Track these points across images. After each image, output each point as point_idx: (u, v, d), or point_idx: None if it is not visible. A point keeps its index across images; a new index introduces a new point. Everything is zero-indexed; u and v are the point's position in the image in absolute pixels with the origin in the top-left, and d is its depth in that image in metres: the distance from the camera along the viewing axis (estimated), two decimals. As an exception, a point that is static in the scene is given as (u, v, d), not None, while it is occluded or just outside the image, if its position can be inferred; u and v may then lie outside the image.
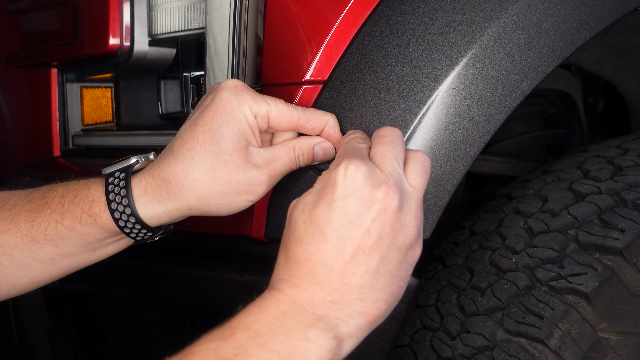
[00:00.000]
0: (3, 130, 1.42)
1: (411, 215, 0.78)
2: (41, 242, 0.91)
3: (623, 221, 0.98)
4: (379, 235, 0.76)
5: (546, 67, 0.94)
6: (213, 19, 1.00)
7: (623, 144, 1.14)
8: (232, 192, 0.87)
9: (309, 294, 0.75)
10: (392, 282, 0.77)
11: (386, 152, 0.80)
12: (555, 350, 0.93)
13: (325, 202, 0.76)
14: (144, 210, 0.88)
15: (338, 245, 0.75)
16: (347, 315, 0.75)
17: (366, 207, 0.75)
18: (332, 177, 0.77)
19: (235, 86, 0.87)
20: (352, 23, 0.95)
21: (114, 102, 1.30)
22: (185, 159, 0.86)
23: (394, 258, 0.77)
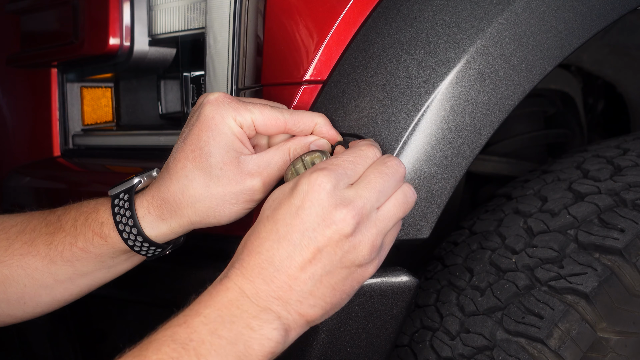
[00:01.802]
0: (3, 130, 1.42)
1: (366, 241, 0.81)
2: (59, 263, 0.95)
3: (623, 221, 0.98)
4: (327, 252, 0.80)
5: (546, 67, 0.94)
6: (213, 19, 1.00)
7: (623, 144, 1.14)
8: (229, 203, 0.90)
9: (255, 287, 0.80)
10: (333, 294, 0.81)
11: (376, 182, 0.82)
12: (554, 350, 0.93)
13: (288, 205, 0.81)
14: (149, 229, 0.92)
15: (288, 249, 0.80)
16: (286, 312, 0.80)
17: (322, 223, 0.79)
18: (303, 183, 0.80)
19: (216, 100, 0.89)
20: (351, 23, 0.95)
21: (114, 102, 1.30)
22: (179, 178, 0.89)
23: (338, 274, 0.81)
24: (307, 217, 0.79)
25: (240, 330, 0.78)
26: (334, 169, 0.81)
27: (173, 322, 0.78)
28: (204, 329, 0.77)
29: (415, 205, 0.90)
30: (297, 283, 0.80)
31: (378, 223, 0.82)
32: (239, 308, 0.79)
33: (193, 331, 0.77)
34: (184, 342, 0.76)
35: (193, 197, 0.89)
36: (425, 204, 0.91)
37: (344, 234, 0.79)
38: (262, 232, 0.81)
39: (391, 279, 0.93)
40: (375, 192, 0.81)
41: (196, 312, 0.78)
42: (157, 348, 0.75)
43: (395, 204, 0.83)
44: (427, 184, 0.90)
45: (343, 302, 0.83)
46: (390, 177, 0.83)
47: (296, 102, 0.96)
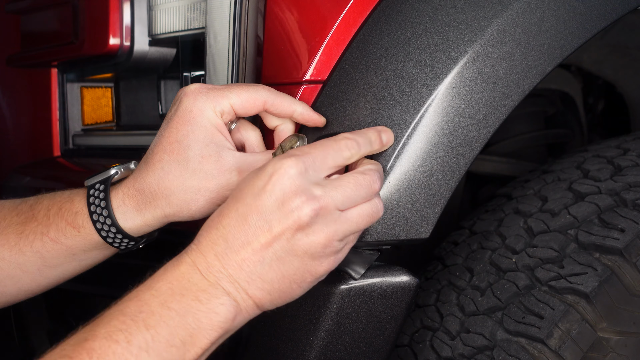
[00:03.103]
0: (3, 130, 1.42)
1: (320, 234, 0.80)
2: (28, 254, 0.94)
3: (623, 221, 0.98)
4: (280, 238, 0.80)
5: (546, 67, 0.94)
6: (213, 19, 1.00)
7: (623, 144, 1.14)
8: (203, 198, 0.89)
9: (207, 261, 0.80)
10: (282, 281, 0.81)
11: (347, 188, 0.82)
12: (555, 350, 0.93)
13: (252, 186, 0.81)
14: (123, 220, 0.91)
15: (244, 229, 0.80)
16: (235, 290, 0.80)
17: (280, 208, 0.79)
18: (269, 166, 0.81)
19: (193, 92, 0.89)
20: (351, 22, 0.95)
21: (114, 102, 1.30)
22: (155, 170, 0.89)
23: (290, 262, 0.81)
24: (267, 200, 0.79)
25: (189, 302, 0.78)
26: (303, 157, 0.81)
27: (125, 297, 0.79)
28: (154, 302, 0.77)
29: (415, 205, 0.90)
30: (247, 264, 0.80)
31: (338, 223, 0.81)
32: (189, 281, 0.79)
33: (143, 304, 0.77)
34: (134, 315, 0.76)
35: (168, 189, 0.89)
36: (425, 204, 0.91)
37: (301, 224, 0.79)
38: (224, 209, 0.82)
39: (391, 279, 0.93)
40: (343, 196, 0.81)
41: (148, 286, 0.79)
42: (107, 322, 0.76)
43: (360, 213, 0.83)
44: (427, 183, 0.90)
45: (294, 292, 0.83)
46: (363, 188, 0.83)
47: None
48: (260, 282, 0.80)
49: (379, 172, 0.85)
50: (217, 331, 0.79)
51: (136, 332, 0.75)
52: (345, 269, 0.91)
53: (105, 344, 0.73)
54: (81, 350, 0.73)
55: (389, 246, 0.93)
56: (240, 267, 0.80)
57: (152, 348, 0.75)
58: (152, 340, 0.75)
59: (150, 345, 0.75)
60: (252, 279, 0.80)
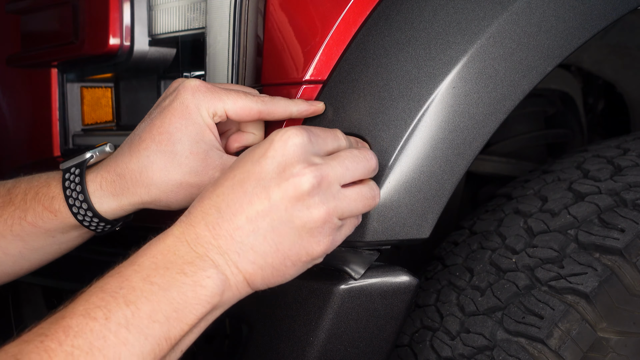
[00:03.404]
0: (3, 130, 1.42)
1: (320, 207, 0.78)
2: (8, 237, 0.94)
3: (623, 221, 0.98)
4: (277, 205, 0.77)
5: (546, 67, 0.94)
6: (213, 19, 1.00)
7: (623, 144, 1.14)
8: (183, 192, 0.89)
9: (196, 232, 0.77)
10: (275, 254, 0.78)
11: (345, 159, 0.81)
12: (555, 350, 0.93)
13: (252, 154, 0.79)
14: (99, 204, 0.91)
15: (239, 196, 0.77)
16: (224, 262, 0.77)
17: (280, 174, 0.77)
18: (271, 134, 0.79)
19: (193, 87, 0.89)
20: (352, 22, 0.95)
21: (114, 102, 1.30)
22: (140, 157, 0.89)
23: (286, 234, 0.77)
24: (267, 165, 0.77)
25: (174, 275, 0.75)
26: (307, 129, 0.80)
27: (106, 274, 0.76)
28: (136, 277, 0.74)
29: (415, 205, 0.90)
30: (239, 234, 0.77)
31: (337, 199, 0.79)
32: (175, 254, 0.76)
33: (124, 279, 0.74)
34: (113, 291, 0.73)
35: (150, 178, 0.88)
36: (425, 204, 0.91)
37: (301, 191, 0.77)
38: (220, 178, 0.80)
39: (391, 279, 0.93)
40: (343, 167, 0.80)
41: (130, 262, 0.76)
42: (86, 299, 0.73)
43: (359, 192, 0.82)
44: (427, 183, 0.90)
45: (287, 271, 0.80)
46: (360, 161, 0.82)
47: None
48: (252, 254, 0.77)
49: (372, 151, 0.85)
50: (205, 306, 0.75)
51: (115, 309, 0.72)
52: (345, 269, 0.91)
53: (83, 321, 0.71)
54: (57, 327, 0.71)
55: (389, 246, 0.93)
56: (231, 237, 0.77)
57: (132, 324, 0.72)
58: (133, 317, 0.72)
59: (130, 321, 0.72)
60: (243, 250, 0.77)
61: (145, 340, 0.72)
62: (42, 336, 0.70)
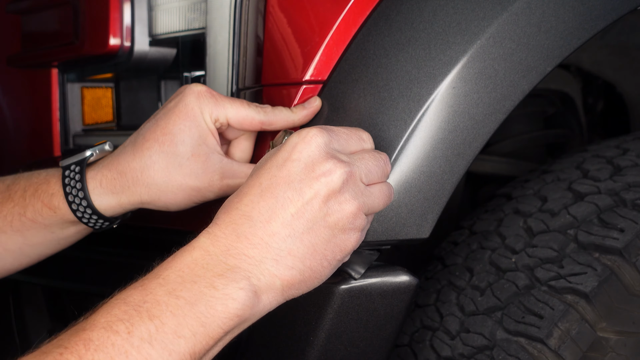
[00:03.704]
0: (3, 130, 1.42)
1: (351, 204, 0.77)
2: (9, 233, 0.95)
3: (622, 221, 0.98)
4: (312, 206, 0.76)
5: (545, 67, 0.94)
6: (213, 19, 1.00)
7: (622, 144, 1.14)
8: (182, 194, 0.90)
9: (226, 243, 0.75)
10: (313, 256, 0.76)
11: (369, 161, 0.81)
12: (554, 349, 0.93)
13: (274, 159, 0.78)
14: (98, 202, 0.92)
15: (270, 203, 0.75)
16: (259, 272, 0.74)
17: (310, 174, 0.76)
18: (293, 136, 0.78)
19: (198, 92, 0.90)
20: (352, 23, 0.95)
21: (115, 102, 1.30)
22: (143, 157, 0.89)
23: (321, 234, 0.76)
24: (294, 168, 0.76)
25: (202, 289, 0.72)
26: (328, 129, 0.80)
27: (129, 286, 0.73)
28: (161, 290, 0.71)
29: (415, 205, 0.90)
30: (275, 240, 0.75)
31: (364, 195, 0.79)
32: (203, 267, 0.73)
33: (148, 293, 0.71)
34: (137, 304, 0.70)
35: (151, 178, 0.89)
36: (425, 204, 0.91)
37: (333, 188, 0.76)
38: (244, 188, 0.78)
39: (391, 278, 0.93)
40: (366, 168, 0.80)
41: (155, 275, 0.73)
42: (107, 311, 0.71)
43: (381, 190, 0.82)
44: (427, 183, 0.91)
45: (324, 271, 0.78)
46: (380, 165, 0.82)
47: (296, 103, 0.96)
48: (290, 259, 0.75)
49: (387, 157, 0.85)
50: (233, 319, 0.72)
51: (138, 323, 0.69)
52: (345, 269, 0.91)
53: (104, 335, 0.68)
54: (78, 340, 0.68)
55: (389, 246, 0.93)
56: (267, 245, 0.74)
57: (156, 340, 0.69)
58: (157, 331, 0.69)
59: (154, 336, 0.69)
60: (281, 256, 0.75)
61: (169, 356, 0.69)
62: (62, 348, 0.68)
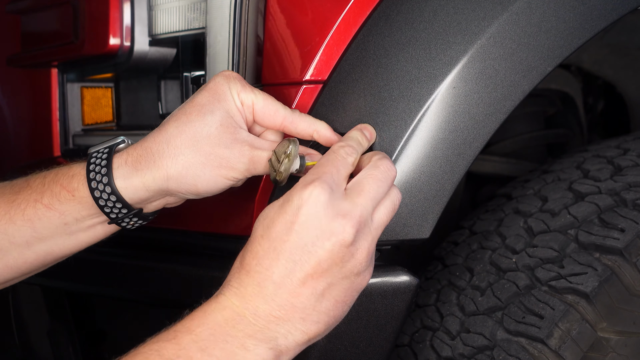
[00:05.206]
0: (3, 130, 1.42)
1: (363, 249, 0.80)
2: (18, 223, 0.91)
3: (623, 221, 0.98)
4: (328, 265, 0.78)
5: (546, 67, 0.94)
6: (213, 19, 1.00)
7: (623, 144, 1.14)
8: (211, 165, 0.87)
9: (254, 306, 0.78)
10: (335, 306, 0.80)
11: (370, 189, 0.81)
12: (555, 349, 0.93)
13: (283, 222, 0.78)
14: (121, 180, 0.88)
15: (289, 266, 0.77)
16: (287, 331, 0.78)
17: (322, 236, 0.78)
18: (295, 197, 0.79)
19: (229, 74, 0.90)
20: (352, 23, 0.95)
21: (115, 102, 1.30)
22: (168, 129, 0.88)
23: (340, 285, 0.79)
24: (304, 231, 0.78)
25: (234, 349, 0.75)
26: (324, 178, 0.79)
27: (162, 337, 0.76)
28: (194, 347, 0.75)
29: (415, 206, 0.90)
30: (299, 300, 0.78)
31: (373, 230, 0.81)
32: (234, 327, 0.77)
33: (181, 348, 0.74)
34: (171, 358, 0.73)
35: (178, 148, 0.87)
36: (425, 204, 0.91)
37: (345, 245, 0.78)
38: (259, 250, 0.79)
39: (391, 279, 0.93)
40: (370, 199, 0.81)
41: (187, 329, 0.76)
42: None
43: (385, 211, 0.83)
44: (427, 184, 0.90)
45: (344, 314, 0.82)
46: (383, 182, 0.82)
47: (296, 103, 0.96)
48: (316, 315, 0.79)
49: (388, 158, 0.84)
50: None
51: None
52: (346, 269, 0.91)
53: None
54: None
55: (389, 246, 0.93)
56: (293, 305, 0.78)
57: None
58: None
59: None
60: (307, 314, 0.78)
61: None
62: None
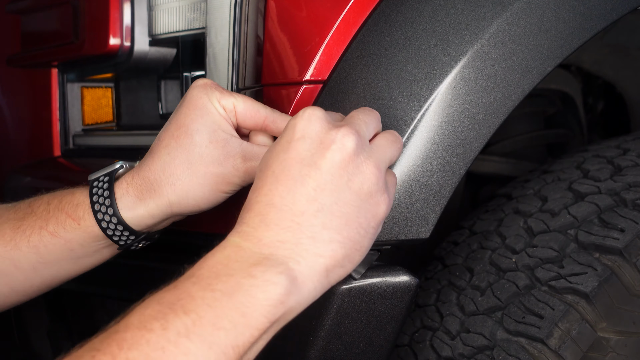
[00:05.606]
0: (3, 130, 1.42)
1: (369, 165, 0.77)
2: (23, 249, 0.92)
3: (623, 221, 0.98)
4: (331, 175, 0.75)
5: (546, 67, 0.94)
6: (213, 19, 1.00)
7: (623, 144, 1.14)
8: (208, 184, 0.88)
9: (256, 234, 0.74)
10: (348, 225, 0.76)
11: (361, 115, 0.82)
12: (555, 349, 0.93)
13: (279, 145, 0.77)
14: (126, 210, 0.89)
15: (288, 185, 0.75)
16: (297, 254, 0.73)
17: (320, 146, 0.76)
18: (290, 122, 0.78)
19: (204, 84, 0.90)
20: (352, 23, 0.95)
21: (115, 102, 1.30)
22: (162, 156, 0.88)
23: (350, 201, 0.76)
24: (301, 146, 0.76)
25: (239, 280, 0.70)
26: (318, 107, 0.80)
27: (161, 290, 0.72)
28: (195, 287, 0.70)
29: (415, 206, 0.90)
30: (305, 218, 0.74)
31: (375, 152, 0.79)
32: (237, 261, 0.72)
33: (182, 291, 0.70)
34: (171, 303, 0.69)
35: (174, 174, 0.87)
36: (425, 204, 0.91)
37: (347, 152, 0.76)
38: (257, 184, 0.77)
39: (391, 278, 0.93)
40: (362, 122, 0.80)
41: (187, 275, 0.72)
42: (140, 312, 0.69)
43: (385, 139, 0.82)
44: (427, 184, 0.91)
45: (363, 242, 0.77)
46: (370, 113, 0.83)
47: (296, 103, 0.96)
48: (326, 232, 0.74)
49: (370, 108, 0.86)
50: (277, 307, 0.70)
51: (174, 319, 0.67)
52: (346, 269, 0.91)
53: (138, 334, 0.66)
54: (110, 341, 0.66)
55: (389, 246, 0.93)
56: (299, 225, 0.73)
57: (193, 333, 0.66)
58: (193, 325, 0.67)
59: (191, 330, 0.66)
60: (315, 232, 0.73)
61: (209, 349, 0.67)
62: (94, 351, 0.66)
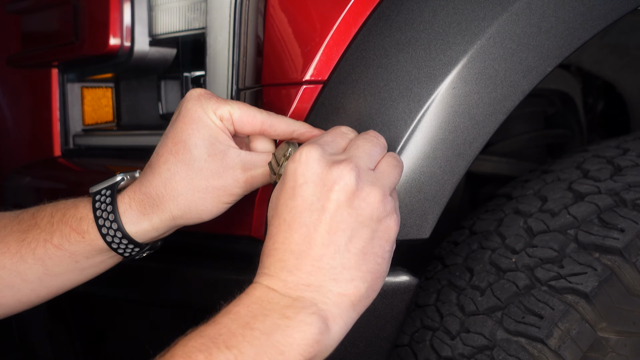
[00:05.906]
0: (3, 130, 1.42)
1: (374, 193, 0.78)
2: (29, 262, 0.92)
3: (622, 221, 0.98)
4: (340, 215, 0.76)
5: (546, 67, 0.94)
6: (213, 19, 1.00)
7: (622, 144, 1.14)
8: (211, 197, 0.89)
9: (281, 280, 0.76)
10: (366, 259, 0.77)
11: (364, 146, 0.81)
12: (554, 349, 0.93)
13: (284, 192, 0.79)
14: (130, 225, 0.90)
15: (302, 231, 0.76)
16: (322, 295, 0.76)
17: (323, 189, 0.77)
18: (289, 166, 0.79)
19: (198, 95, 0.90)
20: (352, 23, 0.95)
21: (115, 102, 1.30)
22: (162, 172, 0.89)
23: (363, 234, 0.77)
24: (306, 191, 0.77)
25: (275, 321, 0.73)
26: (316, 141, 0.80)
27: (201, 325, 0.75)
28: (234, 324, 0.73)
29: (415, 206, 0.90)
30: (325, 261, 0.76)
31: (379, 179, 0.80)
32: (270, 302, 0.75)
33: (222, 327, 0.73)
34: (213, 337, 0.72)
35: (175, 190, 0.88)
36: (425, 204, 0.91)
37: (350, 190, 0.77)
38: (272, 231, 0.79)
39: (391, 278, 0.93)
40: (365, 153, 0.80)
41: (225, 312, 0.75)
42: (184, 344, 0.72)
43: (387, 164, 0.82)
44: (427, 184, 0.91)
45: (381, 269, 0.79)
46: (375, 143, 0.83)
47: (296, 103, 0.96)
48: (347, 272, 0.76)
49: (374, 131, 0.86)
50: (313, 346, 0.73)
51: (217, 352, 0.70)
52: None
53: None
54: None
55: (389, 246, 0.93)
56: (319, 269, 0.76)
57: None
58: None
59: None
60: (337, 273, 0.76)
61: None
62: None
